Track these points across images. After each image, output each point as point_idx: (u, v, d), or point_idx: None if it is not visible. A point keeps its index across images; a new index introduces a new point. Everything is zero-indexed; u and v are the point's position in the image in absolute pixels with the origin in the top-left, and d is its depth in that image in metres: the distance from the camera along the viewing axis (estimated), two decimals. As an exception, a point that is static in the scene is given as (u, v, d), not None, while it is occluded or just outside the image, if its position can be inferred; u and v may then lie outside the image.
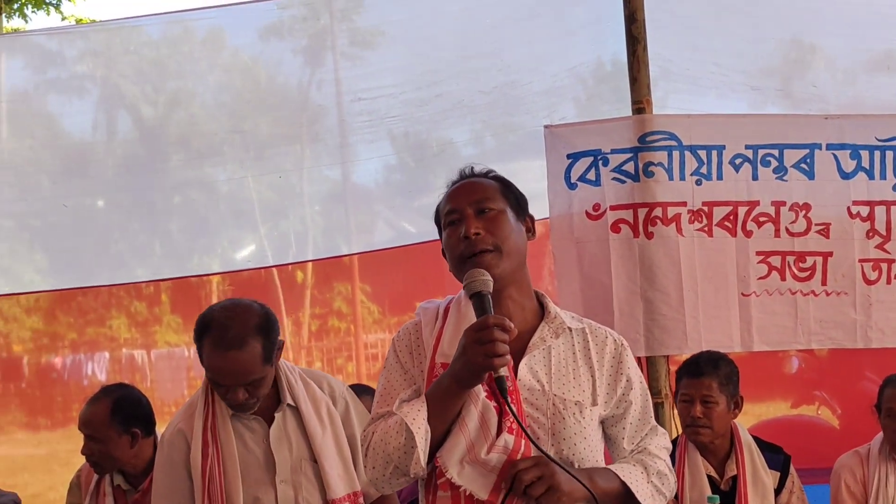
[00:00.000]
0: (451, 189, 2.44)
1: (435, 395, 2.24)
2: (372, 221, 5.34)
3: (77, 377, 5.54)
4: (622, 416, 2.41)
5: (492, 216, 2.35)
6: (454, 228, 2.35)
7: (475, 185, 2.42)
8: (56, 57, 5.32)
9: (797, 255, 4.22)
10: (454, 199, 2.39)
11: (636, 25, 4.19)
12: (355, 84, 4.73)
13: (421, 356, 2.38)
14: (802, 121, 4.26)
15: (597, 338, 2.43)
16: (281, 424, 3.06)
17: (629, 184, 4.17)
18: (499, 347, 2.12)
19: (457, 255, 2.32)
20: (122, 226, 5.29)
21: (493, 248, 2.30)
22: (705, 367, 3.69)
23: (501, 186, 2.44)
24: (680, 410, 3.72)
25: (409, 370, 2.38)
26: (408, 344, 2.41)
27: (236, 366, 2.88)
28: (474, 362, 2.14)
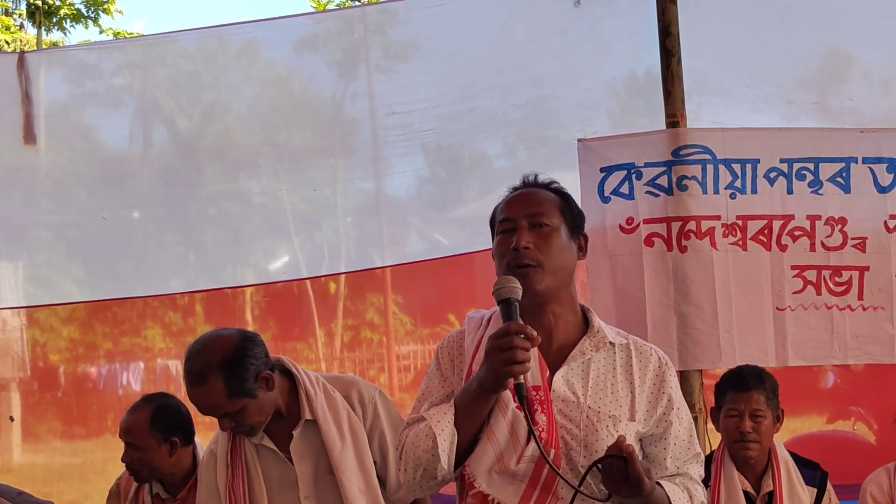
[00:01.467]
0: (511, 196, 2.45)
1: (462, 399, 2.27)
2: (405, 233, 5.35)
3: (112, 387, 5.60)
4: (662, 436, 2.41)
5: (545, 232, 2.36)
6: (506, 237, 2.36)
7: (535, 196, 2.42)
8: (94, 70, 5.39)
9: (833, 269, 4.18)
10: (511, 208, 2.40)
11: (670, 39, 4.18)
12: (389, 98, 4.75)
13: (461, 363, 2.42)
14: (838, 134, 4.23)
15: (641, 354, 2.44)
16: (301, 441, 3.10)
17: (663, 197, 4.16)
18: (518, 354, 2.14)
19: (503, 263, 2.34)
20: (157, 237, 5.34)
21: (537, 263, 2.31)
22: (752, 381, 3.65)
23: (561, 202, 2.44)
24: (726, 425, 3.66)
25: (448, 377, 2.42)
26: (450, 351, 2.46)
27: (200, 399, 2.97)
28: (495, 369, 2.16)
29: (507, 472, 2.25)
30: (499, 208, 2.46)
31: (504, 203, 2.45)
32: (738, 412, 3.61)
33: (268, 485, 3.09)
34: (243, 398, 2.97)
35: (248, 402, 2.98)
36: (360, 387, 3.22)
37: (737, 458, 3.64)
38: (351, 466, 3.07)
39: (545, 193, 2.44)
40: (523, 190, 2.47)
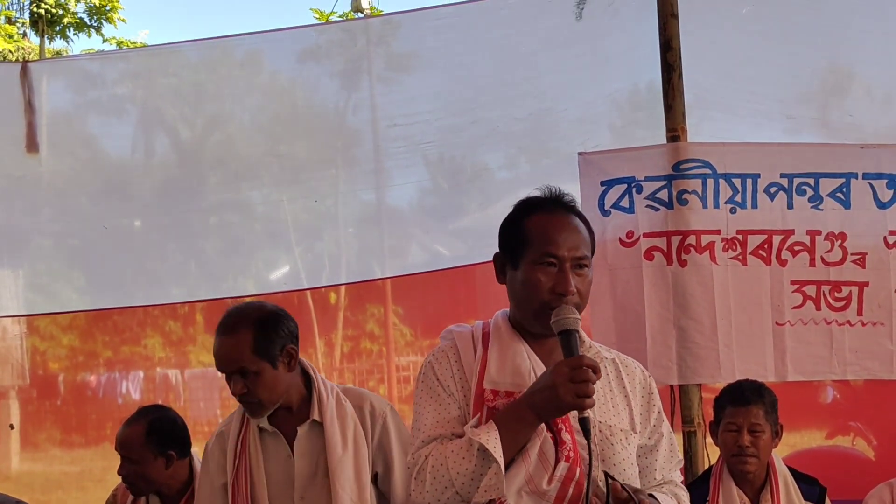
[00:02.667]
0: (552, 221, 2.39)
1: (507, 423, 2.24)
2: (405, 244, 5.36)
3: (112, 395, 5.60)
4: (654, 447, 2.46)
5: (584, 274, 2.36)
6: (547, 271, 2.33)
7: (578, 234, 2.39)
8: (97, 79, 5.41)
9: (833, 284, 4.18)
10: (558, 243, 2.35)
11: (671, 53, 4.19)
12: (391, 109, 4.76)
13: (463, 380, 2.39)
14: (838, 150, 4.23)
15: (627, 368, 2.49)
16: (304, 439, 3.12)
17: (663, 211, 4.17)
18: (590, 388, 2.17)
19: (542, 299, 2.32)
20: (158, 246, 5.35)
21: (576, 307, 2.32)
22: (751, 395, 3.66)
23: (591, 237, 2.44)
24: (725, 439, 3.66)
25: (453, 394, 2.39)
26: (448, 368, 2.41)
27: (225, 350, 3.02)
28: (564, 399, 2.17)
29: (536, 492, 2.25)
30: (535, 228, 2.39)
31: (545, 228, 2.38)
32: (736, 426, 3.61)
33: (269, 481, 3.11)
34: (265, 360, 3.02)
35: (267, 368, 3.02)
36: (373, 400, 3.25)
37: (735, 472, 3.64)
38: (347, 475, 3.08)
39: (584, 230, 2.42)
40: (565, 218, 2.41)
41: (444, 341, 2.49)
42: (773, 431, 3.66)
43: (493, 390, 2.33)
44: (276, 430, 3.12)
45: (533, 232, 2.38)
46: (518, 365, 2.35)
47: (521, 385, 2.31)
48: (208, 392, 5.65)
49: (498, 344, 2.39)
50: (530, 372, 2.34)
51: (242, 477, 3.10)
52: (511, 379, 2.33)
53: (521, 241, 2.39)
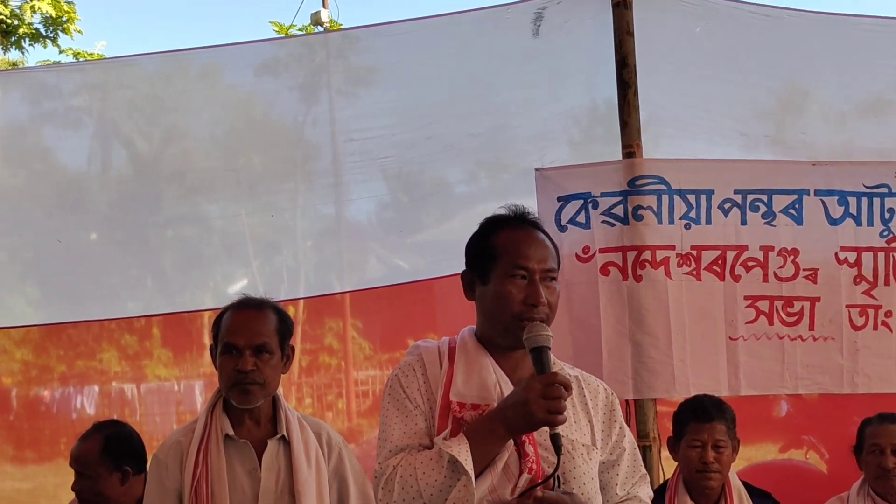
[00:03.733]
0: (520, 236, 2.45)
1: (478, 436, 2.27)
2: (364, 258, 5.35)
3: (66, 410, 5.53)
4: (615, 463, 2.49)
5: (552, 287, 2.42)
6: (518, 283, 2.37)
7: (546, 248, 2.45)
8: (52, 90, 5.34)
9: (785, 299, 4.25)
10: (528, 257, 2.40)
11: (627, 70, 4.24)
12: (349, 124, 4.76)
13: (429, 393, 2.41)
14: (791, 167, 4.31)
15: (589, 385, 2.52)
16: (273, 453, 3.12)
17: (618, 227, 4.20)
18: (562, 405, 2.20)
19: (513, 311, 2.36)
20: (114, 259, 5.28)
21: (545, 319, 2.36)
22: (714, 411, 3.69)
23: (556, 252, 2.50)
24: (688, 455, 3.67)
25: (420, 406, 2.41)
26: (414, 381, 2.44)
27: (250, 321, 3.09)
28: (536, 415, 2.20)
29: (498, 502, 2.27)
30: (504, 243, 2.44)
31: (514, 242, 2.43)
32: (700, 442, 3.63)
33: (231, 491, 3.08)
34: (279, 346, 3.12)
35: (278, 355, 3.12)
36: (329, 430, 3.29)
37: (697, 488, 3.66)
38: (311, 493, 3.10)
39: (550, 245, 2.48)
40: (532, 234, 2.47)
41: (411, 356, 2.51)
42: (733, 447, 3.70)
43: (459, 402, 2.35)
44: (246, 441, 3.12)
45: (502, 246, 2.43)
46: (484, 378, 2.37)
47: (487, 398, 2.34)
48: (164, 407, 5.59)
49: (464, 358, 2.43)
50: (496, 385, 2.36)
51: (204, 486, 3.07)
52: (477, 392, 2.35)
53: (490, 256, 2.43)
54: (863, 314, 4.26)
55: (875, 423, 3.84)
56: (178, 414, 5.53)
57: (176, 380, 5.61)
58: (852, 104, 4.75)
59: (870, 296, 4.27)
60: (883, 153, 4.52)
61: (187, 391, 5.68)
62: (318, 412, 5.96)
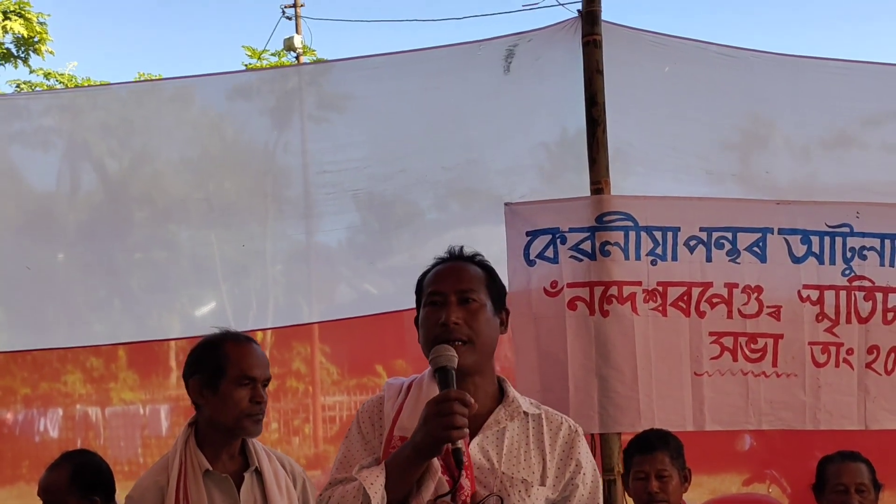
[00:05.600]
0: (440, 269, 2.53)
1: (394, 463, 2.31)
2: (334, 283, 5.35)
3: (29, 433, 5.48)
4: (567, 499, 2.47)
5: (473, 308, 2.44)
6: (434, 310, 2.43)
7: (464, 271, 2.51)
8: (22, 110, 5.32)
9: (749, 336, 4.30)
10: (441, 282, 2.48)
11: (596, 108, 4.29)
12: (321, 156, 4.77)
13: (381, 428, 2.46)
14: (755, 205, 4.37)
15: (551, 424, 2.53)
16: (249, 486, 3.13)
17: (586, 262, 4.25)
18: (457, 420, 2.21)
19: (431, 336, 2.41)
20: (81, 280, 5.25)
21: (466, 339, 2.40)
22: (657, 442, 3.77)
23: (487, 277, 2.53)
24: (635, 487, 3.75)
25: (370, 440, 2.46)
26: (370, 416, 2.50)
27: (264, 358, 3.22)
28: (434, 433, 2.22)
29: None
30: (426, 279, 2.53)
31: (433, 275, 2.52)
32: (644, 474, 3.71)
33: None
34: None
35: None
36: (293, 463, 3.34)
37: None
38: None
39: (473, 269, 2.53)
40: (452, 263, 2.55)
41: (381, 392, 2.56)
42: (682, 476, 3.76)
43: (401, 437, 2.39)
44: (226, 476, 3.12)
45: (425, 283, 2.53)
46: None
47: None
48: (129, 430, 5.56)
49: (417, 392, 2.46)
50: None
51: None
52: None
53: (419, 293, 2.54)
54: (825, 351, 4.32)
55: (836, 462, 3.87)
56: (142, 438, 5.51)
57: (142, 403, 5.59)
58: (815, 140, 4.84)
59: (832, 333, 4.33)
60: (845, 188, 4.60)
61: (153, 415, 5.66)
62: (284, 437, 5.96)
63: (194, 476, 3.09)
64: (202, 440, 3.15)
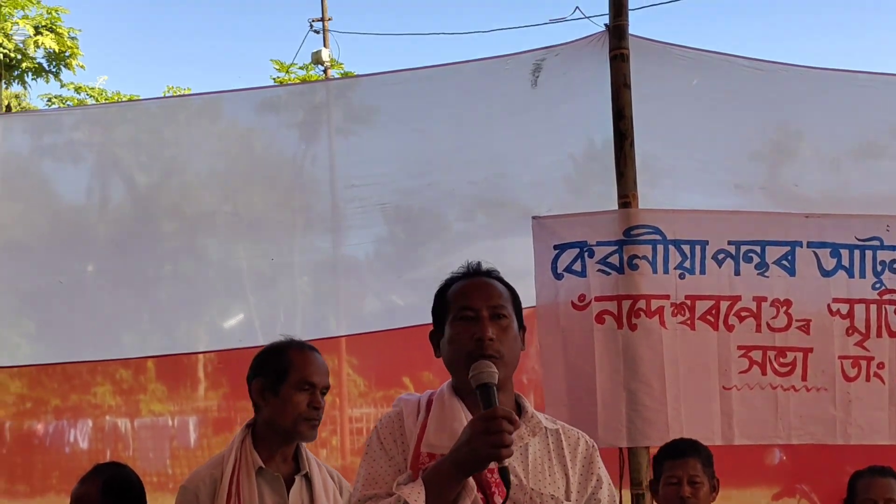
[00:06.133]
0: (467, 284, 2.54)
1: (433, 479, 2.30)
2: (361, 294, 5.37)
3: (59, 444, 5.52)
4: None
5: (504, 324, 2.46)
6: (466, 325, 2.44)
7: (492, 287, 2.53)
8: (53, 123, 5.38)
9: (778, 350, 4.28)
10: (472, 297, 2.48)
11: (624, 122, 4.29)
12: (348, 169, 4.80)
13: (404, 445, 2.46)
14: (784, 219, 4.35)
15: (569, 439, 2.55)
16: (298, 489, 3.24)
17: (614, 276, 4.25)
18: (506, 438, 2.22)
19: (465, 351, 2.42)
20: (111, 292, 5.30)
21: (499, 355, 2.41)
22: (688, 449, 3.77)
23: (511, 295, 2.56)
24: (666, 493, 3.74)
25: (394, 457, 2.45)
26: (391, 432, 2.50)
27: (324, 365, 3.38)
28: (481, 451, 2.22)
29: None
30: (452, 293, 2.54)
31: (461, 290, 2.53)
32: (676, 479, 3.70)
33: None
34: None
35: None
36: (341, 477, 3.43)
37: None
38: None
39: (500, 286, 2.55)
40: (479, 279, 2.55)
41: (394, 408, 2.58)
42: (711, 485, 3.76)
43: (429, 453, 2.40)
44: (278, 475, 3.23)
45: (452, 296, 2.53)
46: (455, 429, 2.40)
47: None
48: (158, 442, 5.58)
49: (439, 409, 2.48)
50: None
51: None
52: (448, 442, 2.38)
53: (444, 308, 2.54)
54: (855, 365, 4.29)
55: (867, 477, 3.87)
56: (171, 449, 5.52)
57: (171, 415, 5.60)
58: (844, 152, 4.81)
59: (862, 347, 4.30)
60: (875, 200, 4.57)
61: (181, 426, 5.68)
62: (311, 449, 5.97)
63: (247, 472, 3.20)
64: (258, 441, 3.27)
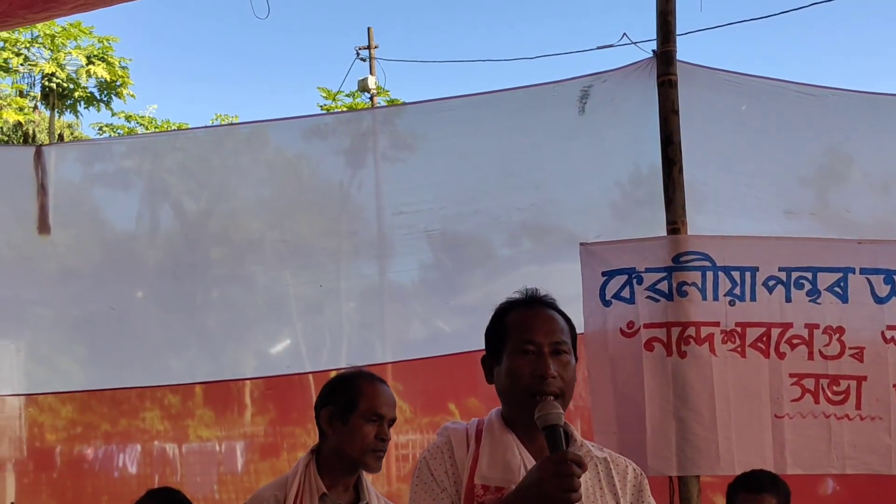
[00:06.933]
0: (528, 314, 2.51)
1: None
2: (407, 320, 5.38)
3: (108, 469, 5.57)
4: None
5: (564, 361, 2.44)
6: (527, 359, 2.42)
7: (554, 321, 2.50)
8: (104, 151, 5.47)
9: (831, 378, 4.22)
10: (534, 331, 2.45)
11: (672, 148, 4.28)
12: (395, 197, 4.82)
13: (456, 476, 2.45)
14: (836, 245, 4.30)
15: (618, 467, 2.53)
16: None
17: (663, 302, 4.22)
18: (576, 483, 2.20)
19: (523, 385, 2.39)
20: (159, 318, 5.36)
21: (559, 393, 2.39)
22: (766, 483, 3.72)
23: (570, 329, 2.53)
24: None
25: (447, 488, 2.44)
26: (441, 463, 2.48)
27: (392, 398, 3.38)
28: (550, 493, 2.19)
29: None
30: (512, 322, 2.50)
31: (522, 321, 2.49)
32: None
33: None
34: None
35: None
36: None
37: None
38: None
39: (561, 320, 2.52)
40: (540, 310, 2.52)
41: (440, 437, 2.55)
42: None
43: (483, 485, 2.38)
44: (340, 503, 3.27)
45: (511, 325, 2.49)
46: (508, 461, 2.39)
47: (511, 480, 2.36)
48: (206, 467, 5.61)
49: (490, 440, 2.45)
50: (520, 468, 2.38)
51: None
52: (501, 474, 2.38)
53: (502, 336, 2.50)
54: (911, 394, 4.22)
55: None
56: (218, 475, 5.55)
57: (218, 440, 5.64)
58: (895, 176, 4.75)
59: (918, 375, 4.23)
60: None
61: (228, 452, 5.71)
62: (358, 475, 5.99)
63: (310, 497, 3.24)
64: (322, 467, 3.31)
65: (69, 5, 3.31)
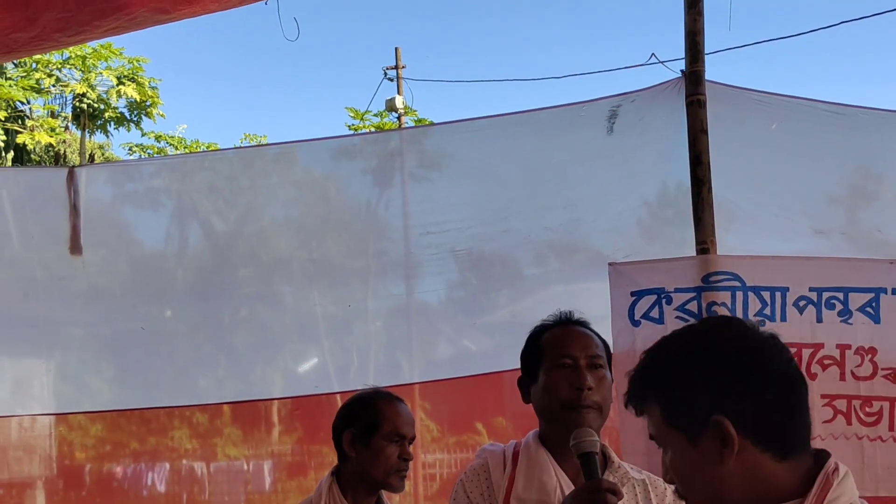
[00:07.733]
0: (564, 332, 2.57)
1: None
2: (434, 339, 5.39)
3: (137, 487, 5.59)
4: None
5: (601, 374, 2.50)
6: (565, 373, 2.47)
7: (589, 338, 2.56)
8: (134, 171, 5.52)
9: (863, 399, 4.16)
10: (570, 346, 2.51)
11: (701, 168, 4.26)
12: (423, 217, 4.84)
13: (492, 497, 2.48)
14: (867, 265, 4.25)
15: (657, 489, 2.55)
16: None
17: (692, 323, 4.18)
18: None
19: (562, 398, 2.44)
20: (188, 337, 5.39)
21: (596, 406, 2.43)
22: None
23: (605, 347, 2.59)
24: None
25: None
26: (478, 485, 2.52)
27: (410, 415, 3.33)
28: None
29: None
30: (548, 340, 2.55)
31: (558, 338, 2.55)
32: None
33: None
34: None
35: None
36: None
37: None
38: None
39: (596, 337, 2.58)
40: (575, 328, 2.58)
41: (478, 459, 2.57)
42: None
43: None
44: None
45: (547, 343, 2.55)
46: (545, 482, 2.40)
47: (547, 501, 2.38)
48: (233, 486, 5.63)
49: (526, 461, 2.48)
50: (556, 488, 2.38)
51: None
52: (537, 496, 2.38)
53: (538, 355, 2.55)
54: (945, 416, 4.16)
55: None
56: (246, 493, 5.56)
57: (245, 459, 5.65)
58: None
59: (952, 397, 4.16)
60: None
61: (256, 471, 5.72)
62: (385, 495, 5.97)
63: None
64: (344, 488, 3.28)
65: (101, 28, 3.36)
